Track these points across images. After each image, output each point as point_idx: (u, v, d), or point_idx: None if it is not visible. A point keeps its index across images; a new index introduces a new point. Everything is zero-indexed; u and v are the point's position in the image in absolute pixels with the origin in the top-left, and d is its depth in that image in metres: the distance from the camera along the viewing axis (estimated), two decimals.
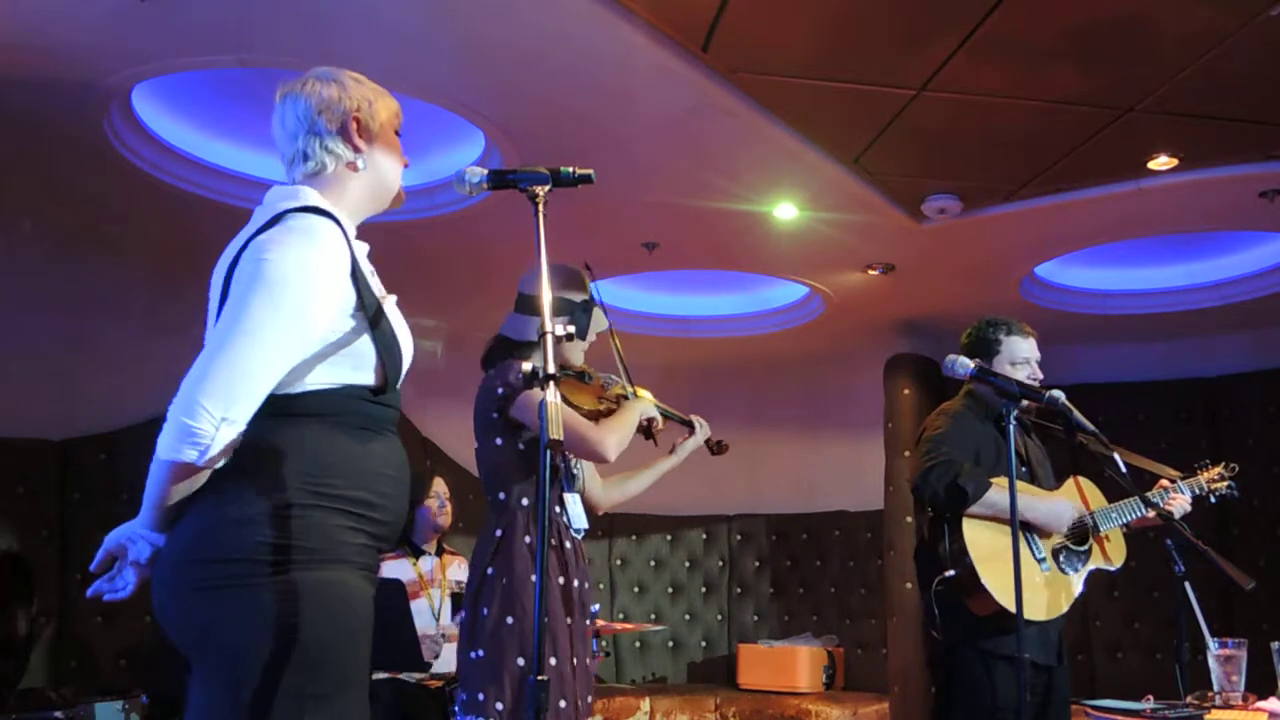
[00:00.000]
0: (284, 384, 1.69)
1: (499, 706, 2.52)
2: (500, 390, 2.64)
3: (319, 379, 1.73)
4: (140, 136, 3.83)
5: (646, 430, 2.83)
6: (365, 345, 1.76)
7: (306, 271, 1.67)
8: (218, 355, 1.63)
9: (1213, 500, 3.21)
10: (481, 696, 2.55)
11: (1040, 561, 2.99)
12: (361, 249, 1.86)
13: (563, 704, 2.51)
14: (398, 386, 1.84)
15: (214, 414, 1.59)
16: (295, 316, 1.65)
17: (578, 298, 2.77)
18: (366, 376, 1.77)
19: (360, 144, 1.88)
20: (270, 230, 1.71)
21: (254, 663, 1.62)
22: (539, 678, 1.69)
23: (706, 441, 3.12)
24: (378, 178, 1.91)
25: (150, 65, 3.28)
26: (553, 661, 2.50)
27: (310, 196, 1.81)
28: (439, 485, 4.19)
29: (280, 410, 1.69)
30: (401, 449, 1.86)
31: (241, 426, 1.63)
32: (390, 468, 1.80)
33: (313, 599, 1.64)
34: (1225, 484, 3.22)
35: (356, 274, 1.75)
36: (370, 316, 1.76)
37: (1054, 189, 4.17)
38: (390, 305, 1.85)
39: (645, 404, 2.81)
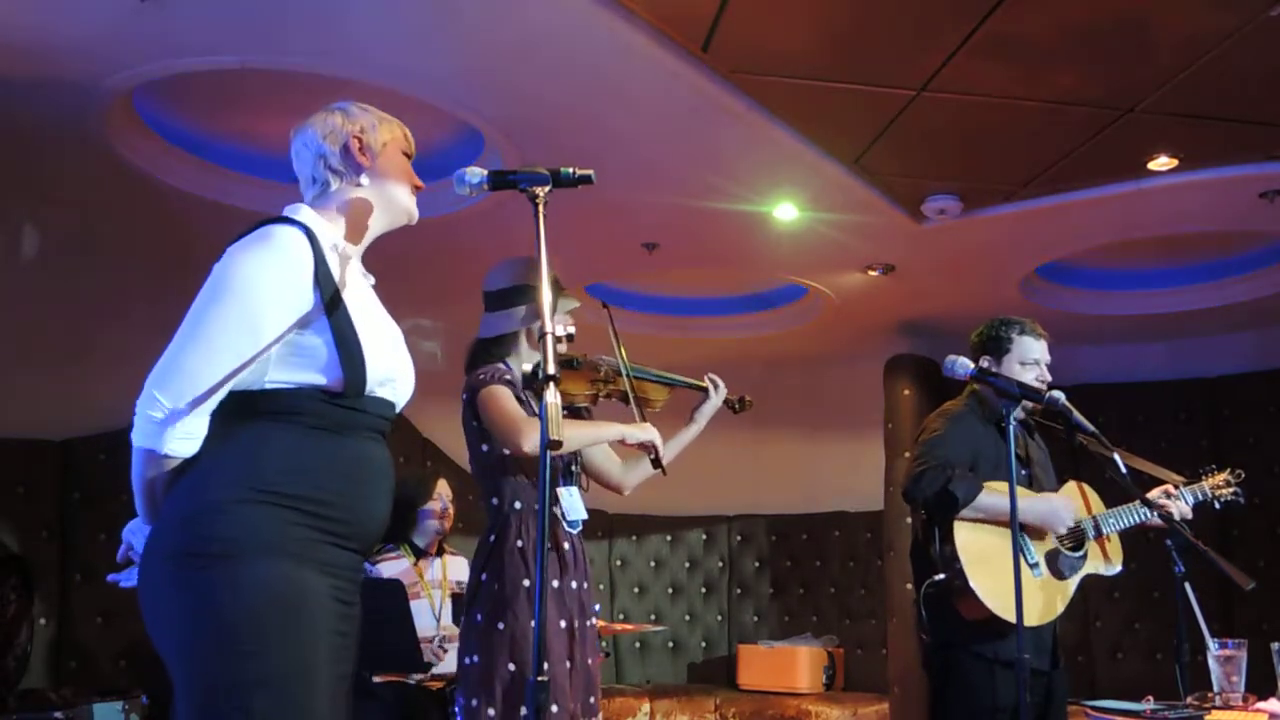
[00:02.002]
0: (246, 382, 1.81)
1: (490, 713, 2.51)
2: (465, 396, 2.69)
3: (277, 378, 1.83)
4: (140, 136, 3.83)
5: (655, 460, 2.71)
6: (323, 350, 1.84)
7: (256, 277, 1.79)
8: (173, 353, 1.78)
9: (1217, 506, 3.20)
10: (475, 703, 2.55)
11: (1033, 566, 2.97)
12: (348, 262, 1.94)
13: (554, 709, 2.50)
14: (370, 394, 1.88)
15: (165, 404, 1.74)
16: (241, 319, 1.77)
17: (536, 283, 2.75)
18: (323, 379, 1.84)
19: (362, 162, 1.99)
20: (240, 240, 1.85)
21: (196, 654, 1.71)
22: (539, 679, 1.69)
23: (727, 401, 3.05)
24: (381, 194, 2.01)
25: (150, 65, 3.27)
26: (545, 666, 2.49)
27: (300, 212, 1.93)
28: (442, 488, 4.18)
29: (241, 408, 1.81)
30: (376, 453, 1.93)
31: (195, 417, 1.76)
32: (349, 467, 1.87)
33: (250, 589, 1.72)
34: (1231, 490, 3.20)
35: (321, 281, 1.83)
36: (333, 323, 1.84)
37: (1054, 189, 4.17)
38: (370, 316, 1.92)
39: (638, 429, 2.69)
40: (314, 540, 1.80)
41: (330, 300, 1.84)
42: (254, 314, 1.77)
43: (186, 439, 1.77)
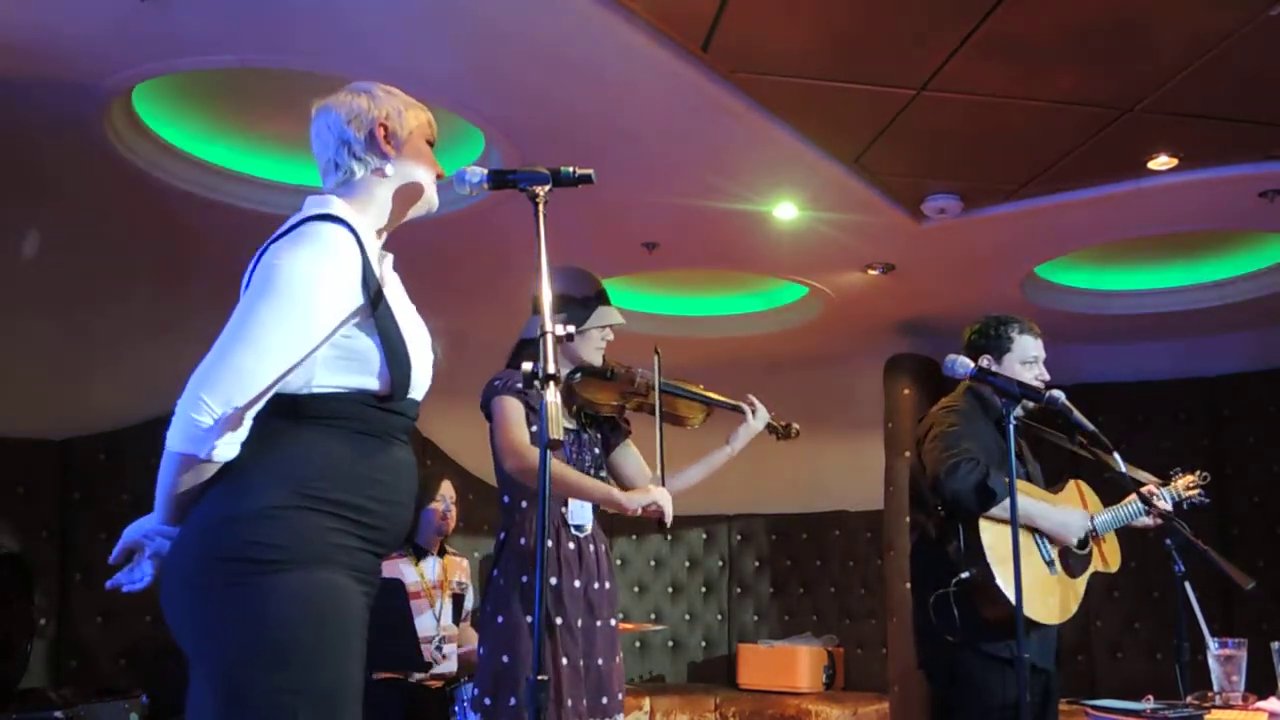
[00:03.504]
0: (291, 386, 1.76)
1: (486, 701, 2.63)
2: (482, 400, 2.76)
3: (325, 382, 1.78)
4: (140, 136, 3.84)
5: (660, 522, 2.62)
6: (372, 352, 1.80)
7: (311, 278, 1.73)
8: (222, 354, 1.71)
9: (1185, 508, 3.21)
10: (476, 691, 2.68)
11: (1049, 564, 2.97)
12: (383, 258, 1.92)
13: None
14: (408, 395, 1.86)
15: (214, 408, 1.67)
16: (296, 320, 1.71)
17: (578, 294, 2.81)
18: (373, 383, 1.81)
19: (388, 150, 1.93)
20: (285, 237, 1.79)
21: (241, 662, 1.66)
22: (539, 678, 1.69)
23: (771, 427, 3.01)
24: (406, 183, 1.95)
25: (150, 65, 3.28)
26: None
27: (334, 205, 1.87)
28: (446, 489, 4.18)
29: (286, 412, 1.76)
30: (409, 457, 1.90)
31: (242, 422, 1.69)
32: (388, 475, 1.83)
33: (298, 599, 1.68)
34: (1197, 491, 3.22)
35: (367, 281, 1.79)
36: (379, 324, 1.80)
37: (1054, 188, 4.17)
38: (406, 315, 1.89)
39: (640, 495, 2.62)
40: (353, 547, 1.77)
41: (376, 301, 1.80)
42: (308, 315, 1.72)
43: (231, 444, 1.70)
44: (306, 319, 1.72)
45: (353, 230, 1.81)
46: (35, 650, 4.21)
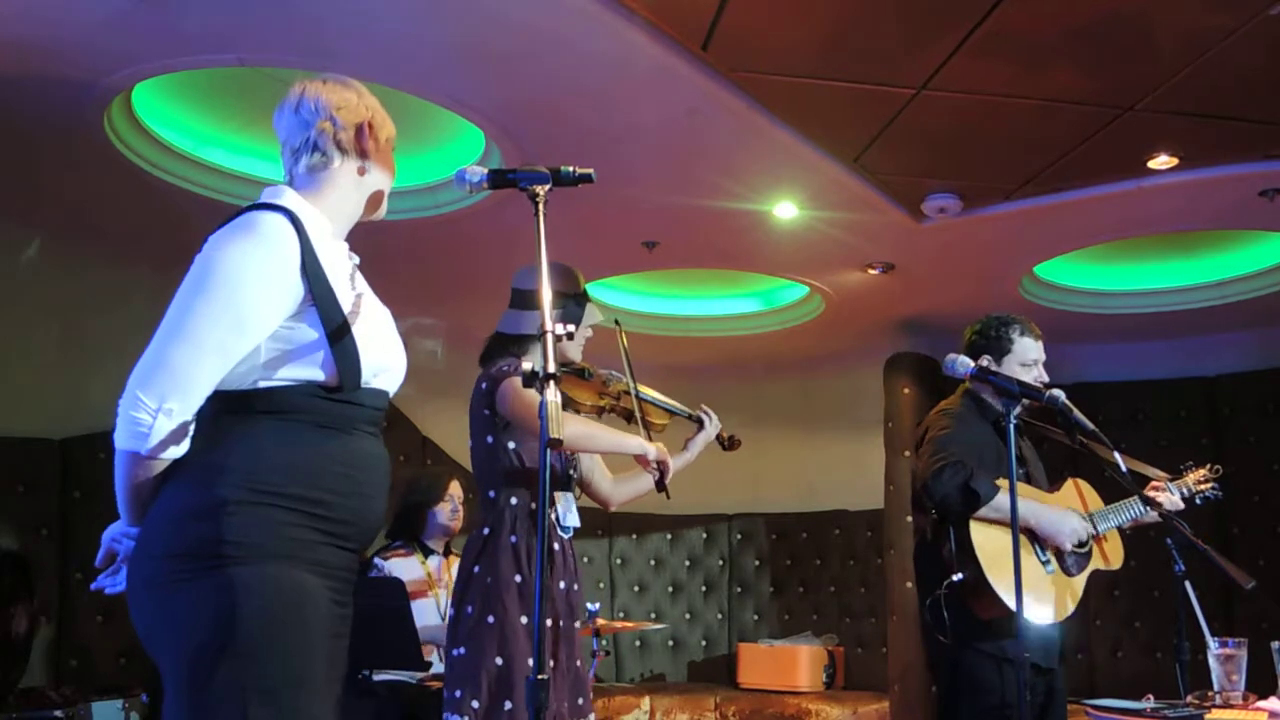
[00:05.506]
0: (237, 380, 1.74)
1: (474, 705, 2.54)
2: (484, 385, 2.71)
3: (271, 375, 1.75)
4: (140, 136, 3.84)
5: (660, 483, 2.71)
6: (318, 343, 1.76)
7: (241, 267, 1.71)
8: (154, 349, 1.70)
9: (1198, 502, 3.21)
10: (459, 693, 2.57)
11: (1045, 564, 2.98)
12: (336, 248, 1.87)
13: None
14: (365, 386, 1.82)
15: (150, 404, 1.66)
16: (226, 311, 1.69)
17: (570, 291, 2.83)
18: (318, 374, 1.77)
19: (369, 148, 1.92)
20: (222, 228, 1.76)
21: (195, 657, 1.65)
22: (539, 677, 1.69)
23: (718, 437, 3.08)
24: (376, 186, 1.96)
25: (150, 65, 3.28)
26: (530, 662, 2.49)
27: (283, 195, 1.85)
28: (454, 489, 4.17)
29: (236, 406, 1.74)
30: (376, 449, 1.87)
31: (182, 417, 1.68)
32: (350, 467, 1.80)
33: (252, 594, 1.66)
34: (1210, 485, 3.22)
35: (309, 271, 1.75)
36: (322, 314, 1.76)
37: (1054, 189, 4.17)
38: (364, 305, 1.85)
39: (658, 447, 2.72)
40: (312, 542, 1.74)
41: (320, 291, 1.76)
42: (241, 307, 1.69)
43: (173, 441, 1.68)
44: (239, 311, 1.69)
45: (292, 218, 1.77)
46: (35, 650, 4.21)
